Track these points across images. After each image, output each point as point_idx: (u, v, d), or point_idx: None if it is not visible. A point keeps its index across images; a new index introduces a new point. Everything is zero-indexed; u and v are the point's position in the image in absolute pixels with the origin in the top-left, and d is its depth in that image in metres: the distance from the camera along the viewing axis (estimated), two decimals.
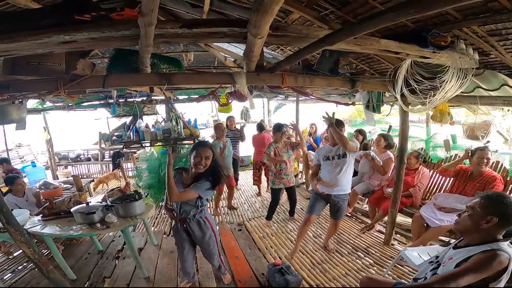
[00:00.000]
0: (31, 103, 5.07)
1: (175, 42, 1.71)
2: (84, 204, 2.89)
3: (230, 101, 3.47)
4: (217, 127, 4.58)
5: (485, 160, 2.94)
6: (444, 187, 3.74)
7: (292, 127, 3.97)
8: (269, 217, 4.23)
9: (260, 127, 5.75)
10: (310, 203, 3.21)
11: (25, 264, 3.28)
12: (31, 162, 6.02)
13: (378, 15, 1.40)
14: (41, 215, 2.98)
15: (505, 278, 1.36)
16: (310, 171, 3.27)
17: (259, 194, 5.66)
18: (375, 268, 3.03)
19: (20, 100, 2.55)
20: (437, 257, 1.70)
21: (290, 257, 3.27)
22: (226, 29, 1.48)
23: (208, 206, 5.00)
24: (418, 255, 2.42)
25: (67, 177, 5.90)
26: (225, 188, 5.16)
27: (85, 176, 7.46)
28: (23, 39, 1.29)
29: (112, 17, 1.25)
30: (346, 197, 3.13)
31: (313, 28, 1.79)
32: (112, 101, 4.42)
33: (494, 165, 3.29)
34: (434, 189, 3.87)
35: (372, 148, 4.34)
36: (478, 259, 1.37)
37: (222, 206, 5.03)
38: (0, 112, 2.62)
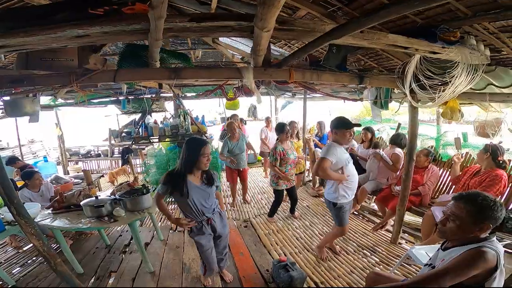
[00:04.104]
0: (44, 100, 5.20)
1: (183, 36, 1.73)
2: (94, 198, 2.95)
3: (237, 96, 3.48)
4: (229, 126, 4.55)
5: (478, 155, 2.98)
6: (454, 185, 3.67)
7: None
8: (271, 214, 4.25)
9: (241, 121, 6.95)
10: (343, 217, 2.90)
11: (34, 258, 3.36)
12: (43, 157, 6.17)
13: (383, 8, 1.40)
14: (51, 208, 3.05)
15: (498, 275, 1.34)
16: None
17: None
18: (381, 266, 3.02)
19: (34, 93, 2.63)
20: (430, 259, 1.69)
21: (321, 257, 3.19)
22: (233, 23, 1.49)
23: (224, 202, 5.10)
24: (426, 253, 2.39)
25: (78, 172, 6.04)
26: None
27: (95, 172, 7.60)
28: (39, 33, 1.32)
29: (124, 11, 1.28)
30: None
31: (319, 22, 1.79)
32: (122, 97, 4.49)
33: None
34: (444, 188, 3.82)
35: (387, 147, 4.29)
36: (461, 258, 1.36)
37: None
38: (14, 105, 2.72)
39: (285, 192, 4.17)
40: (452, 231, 1.44)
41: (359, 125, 2.68)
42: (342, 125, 2.66)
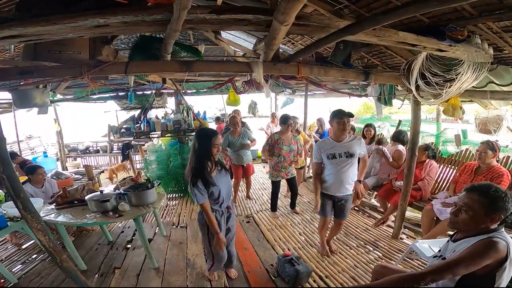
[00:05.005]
0: None
1: (201, 28, 1.74)
2: (98, 192, 2.92)
3: (246, 89, 3.52)
4: (232, 120, 4.55)
5: (483, 154, 2.99)
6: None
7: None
8: (272, 208, 4.28)
9: (217, 119, 7.14)
10: (320, 205, 2.97)
11: (34, 256, 3.31)
12: (43, 153, 6.08)
13: (402, 6, 1.42)
14: (54, 203, 3.01)
15: (508, 265, 1.36)
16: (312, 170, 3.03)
17: None
18: (383, 261, 3.06)
19: (44, 85, 2.59)
20: (439, 250, 1.71)
21: (325, 254, 3.21)
22: (251, 17, 1.51)
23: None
24: (429, 247, 2.43)
25: (78, 168, 5.98)
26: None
27: (94, 168, 7.53)
28: (60, 21, 1.30)
29: (147, 1, 1.28)
30: (351, 196, 3.02)
31: (334, 19, 1.82)
32: (128, 91, 4.44)
33: (504, 160, 3.32)
34: (444, 183, 3.91)
35: (388, 143, 4.35)
36: (473, 248, 1.38)
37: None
38: (24, 96, 2.67)
39: (286, 187, 4.20)
40: (465, 222, 1.47)
41: (351, 115, 2.72)
42: (333, 115, 2.75)
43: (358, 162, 2.94)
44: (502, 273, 1.37)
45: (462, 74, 2.31)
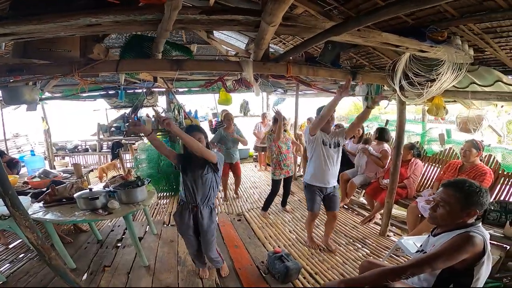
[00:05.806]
0: None
1: (191, 28, 1.77)
2: (87, 190, 2.91)
3: (236, 88, 3.56)
4: (226, 117, 4.57)
5: (468, 152, 3.10)
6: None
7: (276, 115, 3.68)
8: (265, 208, 4.28)
9: None
10: (310, 200, 3.09)
11: (22, 255, 3.27)
12: (30, 151, 5.96)
13: (382, 8, 1.49)
14: (42, 201, 2.98)
15: (486, 260, 1.41)
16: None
17: None
18: (371, 258, 3.12)
19: (33, 82, 2.58)
20: (421, 245, 1.77)
21: (315, 248, 3.31)
22: (241, 17, 1.55)
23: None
24: (414, 243, 2.50)
25: (66, 167, 5.89)
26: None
27: (83, 167, 7.41)
28: (53, 20, 1.31)
29: (139, 1, 1.30)
30: (337, 186, 3.15)
31: (320, 20, 1.88)
32: (119, 89, 4.41)
33: (486, 158, 3.44)
34: (429, 181, 4.02)
35: (373, 142, 4.45)
36: (450, 242, 1.43)
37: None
38: (14, 93, 2.65)
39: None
40: (442, 217, 1.52)
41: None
42: (318, 112, 2.93)
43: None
44: (480, 268, 1.41)
45: (443, 74, 2.40)
